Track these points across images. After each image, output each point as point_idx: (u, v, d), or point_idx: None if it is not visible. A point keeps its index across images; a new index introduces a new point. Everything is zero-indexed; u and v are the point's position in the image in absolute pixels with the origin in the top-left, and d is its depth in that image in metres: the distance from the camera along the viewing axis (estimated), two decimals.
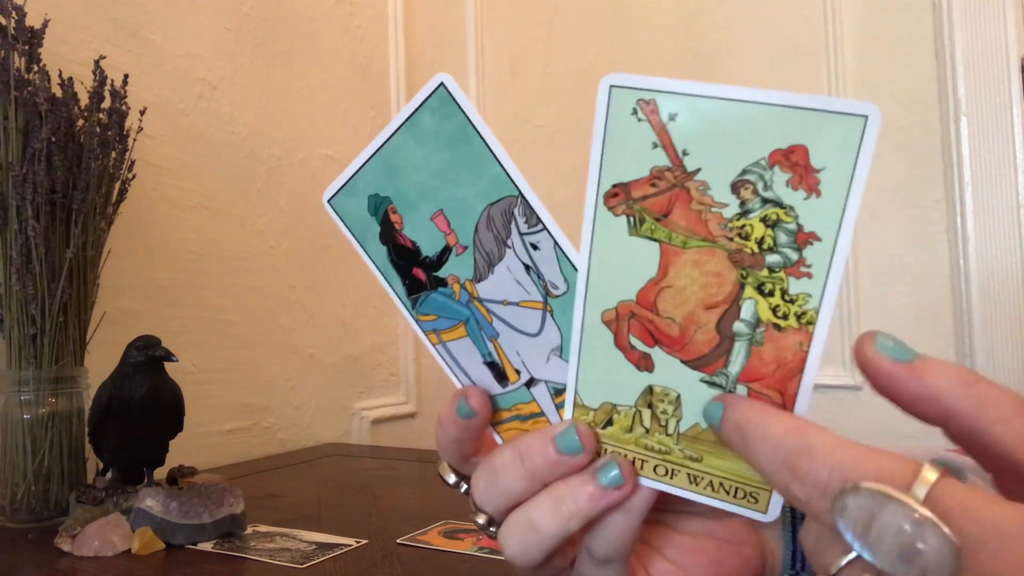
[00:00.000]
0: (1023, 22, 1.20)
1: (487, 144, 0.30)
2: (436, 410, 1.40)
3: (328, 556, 0.54)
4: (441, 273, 0.33)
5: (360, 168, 0.33)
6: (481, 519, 0.32)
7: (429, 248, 0.33)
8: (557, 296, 0.31)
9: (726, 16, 1.40)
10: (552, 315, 0.31)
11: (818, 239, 0.25)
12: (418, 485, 0.84)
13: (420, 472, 0.90)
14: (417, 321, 0.34)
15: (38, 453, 0.64)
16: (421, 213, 0.32)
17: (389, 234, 0.33)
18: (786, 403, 0.26)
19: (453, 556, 0.54)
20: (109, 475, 0.65)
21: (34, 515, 0.64)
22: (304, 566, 0.52)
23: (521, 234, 0.30)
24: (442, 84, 0.30)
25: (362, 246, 0.34)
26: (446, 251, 0.32)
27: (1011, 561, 0.17)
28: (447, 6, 1.53)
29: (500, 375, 0.33)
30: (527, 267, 0.31)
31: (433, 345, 0.34)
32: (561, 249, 0.30)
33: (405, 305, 0.34)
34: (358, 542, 0.57)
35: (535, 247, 0.30)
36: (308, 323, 1.14)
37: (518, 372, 0.33)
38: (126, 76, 0.76)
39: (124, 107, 0.74)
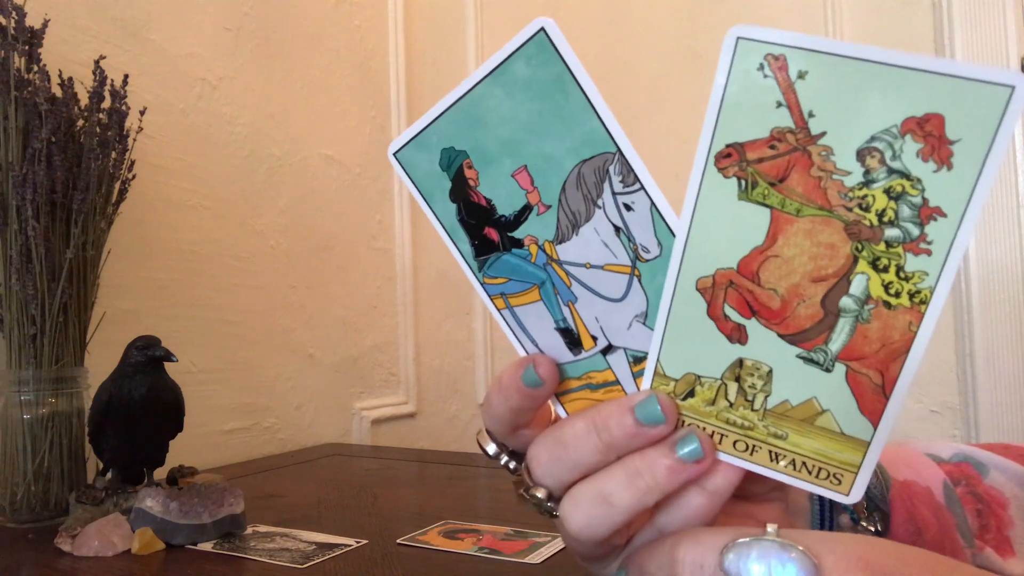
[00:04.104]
0: (1023, 22, 1.20)
1: (587, 96, 0.28)
2: (436, 410, 1.41)
3: (328, 556, 0.54)
4: (517, 233, 0.31)
5: (435, 120, 0.31)
6: (540, 492, 0.31)
7: (506, 207, 0.30)
8: (648, 260, 0.29)
9: (726, 16, 1.40)
10: (640, 280, 0.29)
11: (943, 215, 0.24)
12: (418, 485, 0.84)
13: (420, 472, 0.90)
14: (483, 284, 0.32)
15: (38, 453, 0.64)
16: (501, 169, 0.30)
17: (461, 191, 0.31)
18: (886, 385, 0.25)
19: (453, 556, 0.54)
20: (109, 475, 0.65)
21: (34, 515, 0.64)
22: (304, 566, 0.52)
23: (615, 193, 0.29)
24: (543, 29, 0.28)
25: (428, 203, 0.32)
26: (526, 210, 0.30)
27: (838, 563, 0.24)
28: (447, 6, 1.53)
29: (573, 341, 0.31)
30: (617, 229, 0.29)
31: (499, 310, 0.32)
32: (658, 210, 0.28)
33: (471, 267, 0.32)
34: (358, 542, 0.57)
35: (629, 208, 0.29)
36: (308, 323, 1.14)
37: (595, 339, 0.31)
38: (126, 76, 0.76)
39: (124, 107, 0.74)
